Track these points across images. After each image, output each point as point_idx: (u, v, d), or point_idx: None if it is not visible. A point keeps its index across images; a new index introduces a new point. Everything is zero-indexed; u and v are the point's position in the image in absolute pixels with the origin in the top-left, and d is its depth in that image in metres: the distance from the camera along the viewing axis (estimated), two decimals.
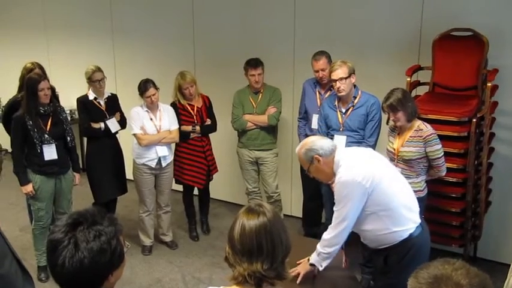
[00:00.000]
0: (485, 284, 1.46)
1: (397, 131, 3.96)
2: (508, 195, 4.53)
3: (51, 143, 4.34)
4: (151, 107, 4.82)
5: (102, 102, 4.90)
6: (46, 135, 4.31)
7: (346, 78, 4.12)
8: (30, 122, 4.24)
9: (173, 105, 5.04)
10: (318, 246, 3.01)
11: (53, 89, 4.61)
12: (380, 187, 2.89)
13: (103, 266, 1.62)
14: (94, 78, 4.79)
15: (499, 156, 4.45)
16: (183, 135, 5.01)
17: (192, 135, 5.06)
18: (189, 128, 5.02)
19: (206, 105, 5.12)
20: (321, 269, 3.01)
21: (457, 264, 1.49)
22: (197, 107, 5.05)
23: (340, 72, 4.12)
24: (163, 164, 4.89)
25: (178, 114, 5.00)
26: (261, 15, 5.42)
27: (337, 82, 4.14)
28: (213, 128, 5.14)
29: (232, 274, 1.83)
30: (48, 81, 4.39)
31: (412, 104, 3.82)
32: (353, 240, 3.28)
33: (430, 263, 1.54)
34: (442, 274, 1.47)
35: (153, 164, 4.85)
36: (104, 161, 4.92)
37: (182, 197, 5.42)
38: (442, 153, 3.82)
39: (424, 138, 3.77)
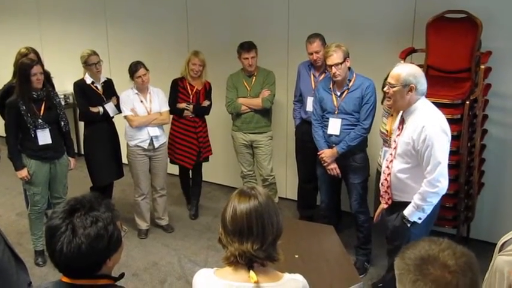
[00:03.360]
0: (471, 263, 1.47)
1: (390, 112, 3.97)
2: (500, 176, 4.57)
3: (45, 128, 4.33)
4: (142, 88, 4.82)
5: (99, 86, 4.90)
6: (39, 120, 4.30)
7: (341, 63, 4.09)
8: (24, 107, 4.22)
9: (174, 81, 5.10)
10: (419, 200, 3.24)
11: (47, 74, 4.59)
12: None
13: (100, 251, 1.65)
14: (90, 62, 4.78)
15: (492, 138, 4.48)
16: (177, 112, 5.07)
17: (185, 114, 5.09)
18: (183, 105, 5.07)
19: (206, 89, 5.16)
20: (419, 222, 3.30)
21: (443, 245, 1.49)
22: (197, 88, 5.11)
23: (335, 57, 4.08)
24: (156, 145, 4.90)
25: (177, 91, 5.08)
26: None
27: (333, 68, 4.10)
28: (206, 110, 5.18)
29: (225, 255, 1.88)
30: (42, 66, 4.37)
31: None
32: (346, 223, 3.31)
33: (416, 243, 1.52)
34: (429, 255, 1.46)
35: (145, 145, 4.86)
36: (102, 145, 4.94)
37: (179, 176, 5.54)
38: None
39: None
